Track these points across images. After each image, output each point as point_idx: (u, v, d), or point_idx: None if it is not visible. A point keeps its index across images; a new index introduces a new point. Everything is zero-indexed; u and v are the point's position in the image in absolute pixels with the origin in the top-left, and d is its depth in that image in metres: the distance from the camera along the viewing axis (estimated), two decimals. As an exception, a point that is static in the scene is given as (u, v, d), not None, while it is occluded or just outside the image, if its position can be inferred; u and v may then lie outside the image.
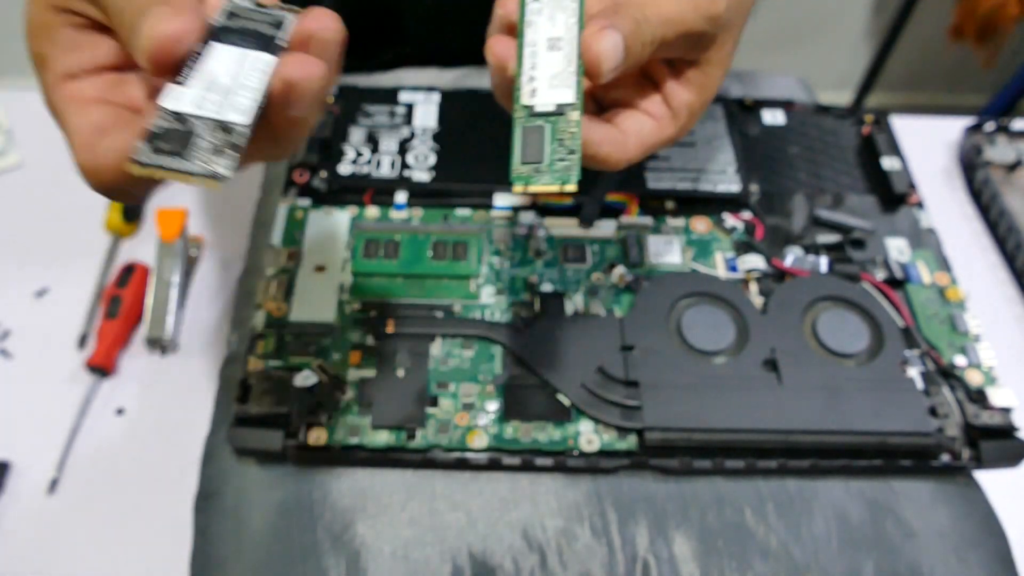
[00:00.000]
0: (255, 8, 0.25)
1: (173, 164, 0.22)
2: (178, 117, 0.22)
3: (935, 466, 0.37)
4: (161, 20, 0.22)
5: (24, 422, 0.43)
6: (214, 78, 0.23)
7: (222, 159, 0.22)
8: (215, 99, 0.23)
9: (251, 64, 0.24)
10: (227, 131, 0.22)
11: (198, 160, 0.22)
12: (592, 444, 0.36)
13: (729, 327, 0.39)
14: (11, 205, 0.53)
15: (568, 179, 0.26)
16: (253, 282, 0.45)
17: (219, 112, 0.23)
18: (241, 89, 0.23)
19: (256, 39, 0.24)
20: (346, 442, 0.36)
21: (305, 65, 0.23)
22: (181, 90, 0.23)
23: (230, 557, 0.36)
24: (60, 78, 0.25)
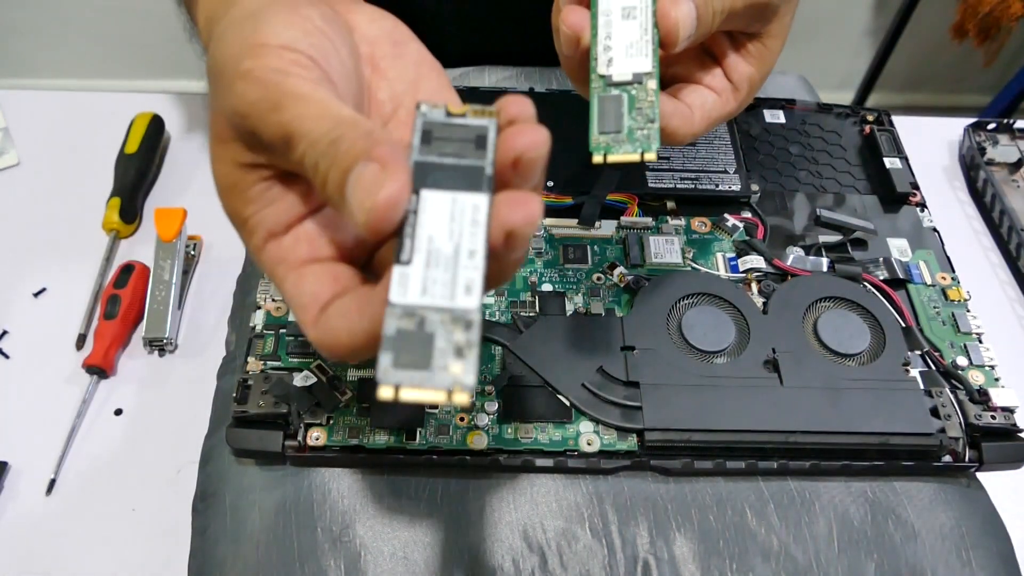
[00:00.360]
0: (450, 122, 0.23)
1: (421, 381, 0.20)
2: (409, 312, 0.21)
3: (937, 466, 0.37)
4: (374, 186, 0.20)
5: (22, 422, 0.43)
6: (433, 246, 0.21)
7: (463, 363, 0.21)
8: (440, 277, 0.21)
9: (465, 213, 0.22)
10: (459, 322, 0.21)
11: (441, 371, 0.21)
12: (592, 445, 0.36)
13: (730, 327, 0.39)
14: (9, 205, 0.53)
15: (648, 147, 0.26)
16: (253, 282, 0.44)
17: (449, 296, 0.21)
18: (463, 256, 0.21)
19: (462, 174, 0.22)
20: (346, 442, 0.36)
21: (522, 206, 0.21)
22: (404, 272, 0.21)
23: (229, 557, 0.36)
24: (264, 239, 0.25)
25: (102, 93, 0.60)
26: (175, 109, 0.58)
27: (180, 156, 0.57)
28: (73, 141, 0.56)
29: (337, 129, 0.21)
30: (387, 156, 0.20)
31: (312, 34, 0.24)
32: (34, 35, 1.34)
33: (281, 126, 0.22)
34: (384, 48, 0.28)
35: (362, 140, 0.21)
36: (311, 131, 0.21)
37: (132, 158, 0.53)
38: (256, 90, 0.22)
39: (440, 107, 0.23)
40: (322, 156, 0.21)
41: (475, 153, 0.22)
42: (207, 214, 0.52)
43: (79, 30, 1.33)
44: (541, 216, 0.21)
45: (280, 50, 0.23)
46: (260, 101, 0.22)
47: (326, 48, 0.24)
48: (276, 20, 0.24)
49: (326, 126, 0.21)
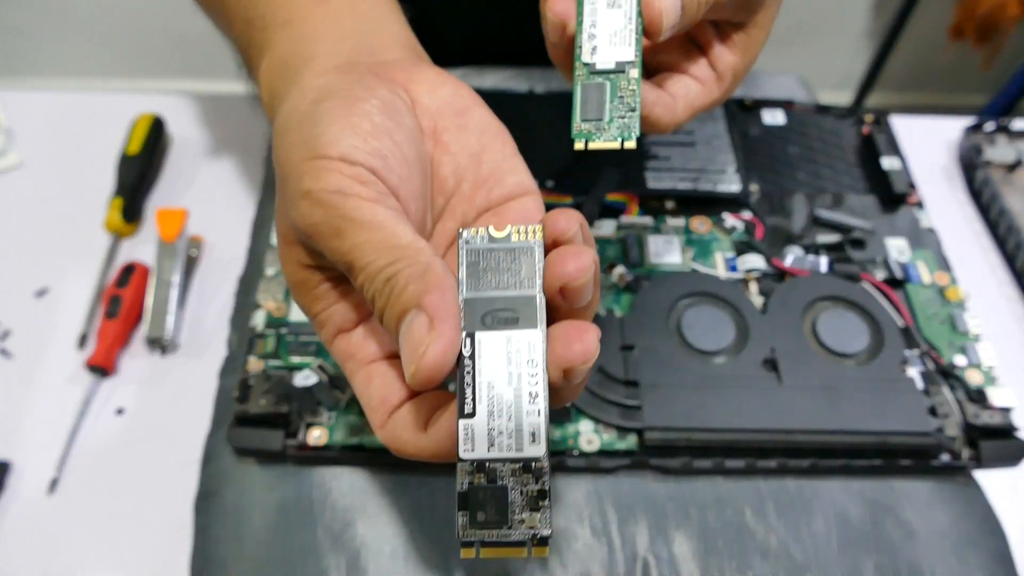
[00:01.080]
0: (494, 248, 0.23)
1: (500, 538, 0.21)
2: (480, 467, 0.21)
3: (935, 466, 0.37)
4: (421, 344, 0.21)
5: (24, 422, 0.43)
6: (494, 392, 0.21)
7: (539, 513, 0.21)
8: (505, 425, 0.21)
9: (521, 353, 0.22)
10: (531, 472, 0.21)
11: (519, 525, 0.21)
12: (592, 444, 0.36)
13: (729, 327, 0.39)
14: (11, 205, 0.53)
15: (629, 135, 0.26)
16: (253, 282, 0.45)
17: (516, 445, 0.21)
18: (524, 400, 0.21)
19: (514, 307, 0.22)
20: (346, 442, 0.36)
21: (577, 340, 0.21)
22: (469, 426, 0.21)
23: (230, 557, 0.36)
24: (333, 334, 0.25)
25: (104, 94, 0.60)
26: (177, 109, 0.58)
27: (181, 157, 0.57)
28: (75, 142, 0.57)
29: (394, 265, 0.22)
30: (437, 308, 0.21)
31: (371, 137, 0.24)
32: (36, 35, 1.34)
33: (343, 254, 0.22)
34: (447, 120, 0.27)
35: (416, 282, 0.21)
36: (369, 265, 0.22)
37: (134, 159, 0.53)
38: (318, 213, 0.23)
39: (483, 232, 0.23)
40: (378, 293, 0.22)
41: (525, 280, 0.22)
42: (208, 215, 0.52)
43: (81, 30, 1.33)
44: (597, 347, 0.21)
45: (340, 164, 0.23)
46: (322, 224, 0.23)
47: (387, 150, 0.24)
48: (335, 124, 0.24)
49: (384, 260, 0.22)
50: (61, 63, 1.39)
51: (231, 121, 0.59)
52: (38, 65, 1.39)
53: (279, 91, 0.28)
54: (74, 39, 1.35)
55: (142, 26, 1.31)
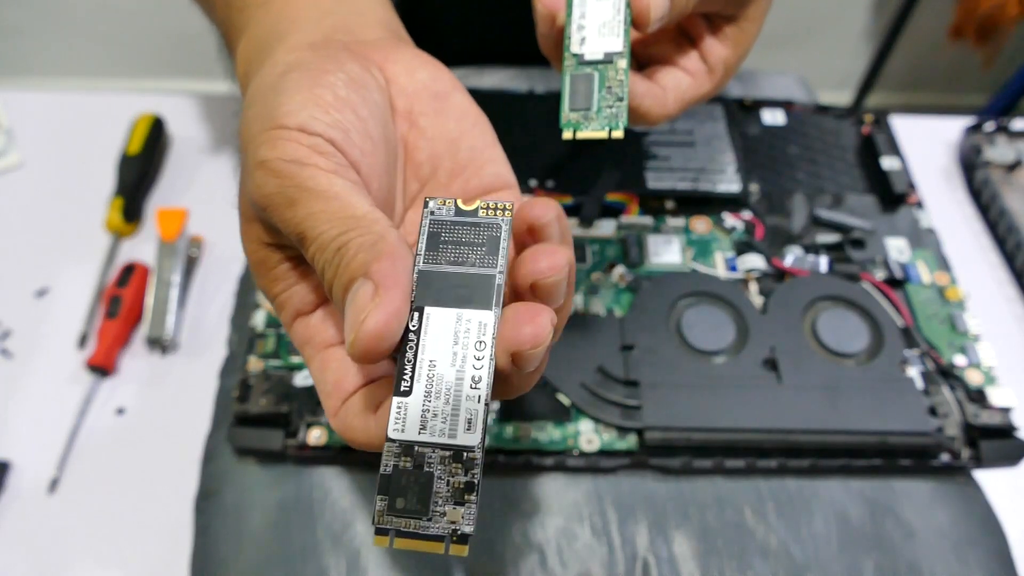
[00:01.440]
0: (460, 220, 0.22)
1: (417, 529, 0.20)
2: (408, 450, 0.20)
3: (935, 466, 0.37)
4: (362, 312, 0.19)
5: (24, 422, 0.44)
6: (435, 372, 0.20)
7: (463, 509, 0.20)
8: (441, 408, 0.20)
9: (470, 333, 0.20)
10: (461, 462, 0.20)
11: (439, 519, 0.20)
12: (592, 444, 0.36)
13: (729, 327, 0.39)
14: (11, 205, 0.53)
15: (616, 125, 0.27)
16: (253, 282, 0.45)
17: (450, 431, 0.20)
18: (466, 383, 0.20)
19: (470, 286, 0.21)
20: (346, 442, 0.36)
21: (529, 322, 0.20)
22: (403, 404, 0.20)
23: (230, 556, 0.36)
24: (292, 317, 0.24)
25: (104, 94, 0.60)
26: (177, 109, 0.58)
27: (182, 157, 0.57)
28: (75, 142, 0.57)
29: (347, 234, 0.20)
30: (384, 276, 0.20)
31: (333, 109, 0.23)
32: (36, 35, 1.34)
33: (295, 224, 0.21)
34: (424, 103, 0.26)
35: (366, 251, 0.20)
36: (321, 235, 0.21)
37: (134, 159, 0.53)
38: (272, 183, 0.22)
39: (450, 203, 0.22)
40: (328, 264, 0.21)
41: (486, 259, 0.21)
42: (208, 215, 0.52)
43: (81, 30, 1.33)
44: (550, 331, 0.20)
45: (297, 134, 0.22)
46: (276, 195, 0.22)
47: (349, 123, 0.23)
48: (296, 95, 0.23)
49: (337, 230, 0.21)
50: (61, 63, 1.39)
51: (231, 121, 0.59)
52: (38, 65, 1.39)
53: (252, 70, 0.27)
54: (74, 39, 1.35)
55: (142, 26, 1.31)
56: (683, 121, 0.48)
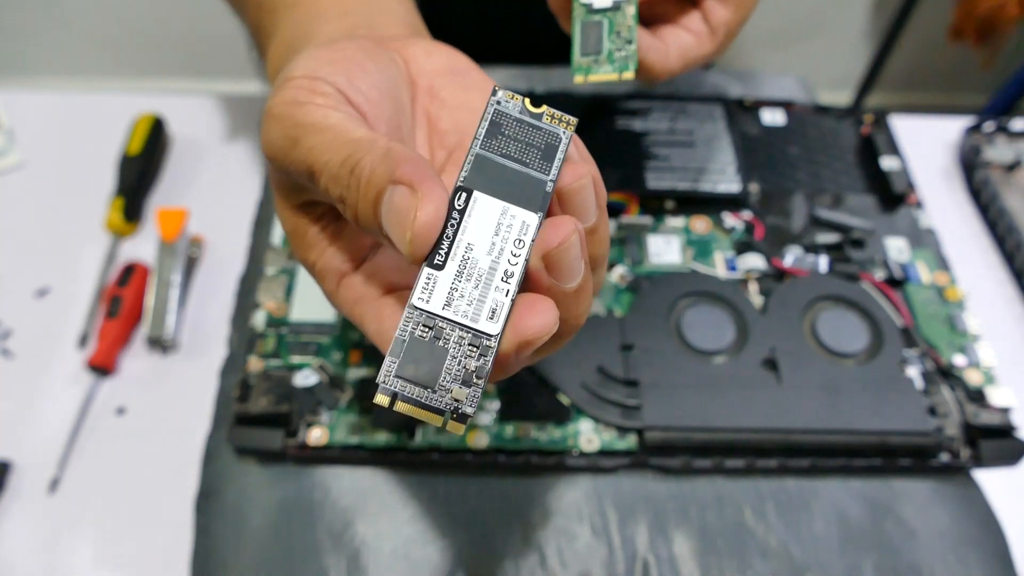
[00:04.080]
0: (525, 119, 0.21)
1: (421, 399, 0.20)
2: (429, 321, 0.20)
3: (934, 465, 0.37)
4: (409, 212, 0.19)
5: (25, 421, 0.44)
6: (471, 255, 0.20)
7: (468, 391, 0.20)
8: (469, 291, 0.20)
9: (512, 228, 0.20)
10: (476, 347, 0.20)
11: (447, 395, 0.20)
12: (592, 443, 0.36)
13: (729, 327, 0.39)
14: (12, 205, 0.53)
15: (627, 67, 0.28)
16: (253, 282, 0.45)
17: (472, 315, 0.20)
18: (498, 275, 0.20)
19: (521, 184, 0.21)
20: (346, 442, 0.36)
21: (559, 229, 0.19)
22: (432, 276, 0.20)
23: (230, 556, 0.36)
24: (335, 282, 0.24)
25: (104, 94, 0.60)
26: (177, 109, 0.58)
27: (182, 157, 0.57)
28: (75, 142, 0.57)
29: (354, 156, 0.20)
30: (414, 174, 0.19)
31: (338, 62, 0.23)
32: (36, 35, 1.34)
33: (301, 162, 0.21)
34: (444, 78, 0.27)
35: (382, 163, 0.20)
36: (328, 162, 0.20)
37: (134, 159, 0.53)
38: (276, 128, 0.22)
39: (518, 100, 0.21)
40: (345, 189, 0.20)
41: (540, 164, 0.21)
42: (209, 214, 0.52)
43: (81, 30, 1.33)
44: (577, 241, 0.20)
45: (300, 80, 0.22)
46: (279, 139, 0.22)
47: (353, 72, 0.23)
48: (306, 54, 0.23)
49: (342, 154, 0.20)
50: (61, 63, 1.39)
51: (231, 121, 0.59)
52: (38, 65, 1.39)
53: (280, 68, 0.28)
54: (74, 39, 1.35)
55: (142, 26, 1.32)
56: (683, 121, 0.48)
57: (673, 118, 0.48)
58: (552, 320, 0.20)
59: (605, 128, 0.47)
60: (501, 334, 0.20)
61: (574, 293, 0.21)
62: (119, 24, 1.32)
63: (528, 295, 0.20)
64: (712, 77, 0.56)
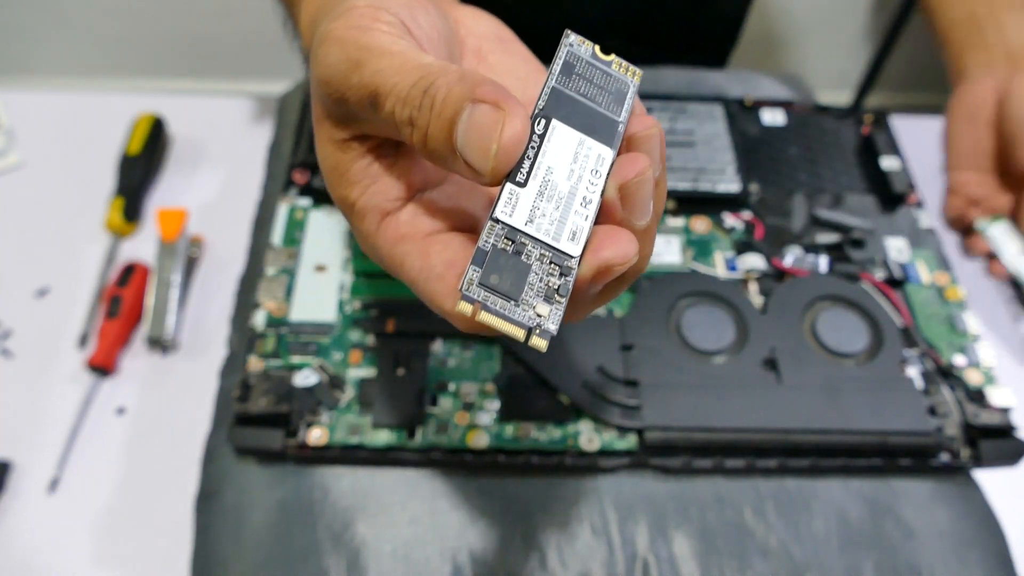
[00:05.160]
0: (594, 63, 0.22)
1: (505, 312, 0.19)
2: (511, 235, 0.19)
3: (934, 465, 0.37)
4: (494, 126, 0.19)
5: (25, 421, 0.44)
6: (551, 178, 0.20)
7: (551, 308, 0.19)
8: (550, 212, 0.20)
9: (589, 159, 0.20)
10: (558, 266, 0.20)
11: (530, 309, 0.19)
12: (592, 443, 0.36)
13: (729, 327, 0.39)
14: (12, 205, 0.53)
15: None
16: (253, 282, 0.45)
17: (554, 234, 0.20)
18: (577, 200, 0.20)
19: (596, 120, 0.21)
20: (346, 442, 0.36)
21: (635, 164, 0.19)
22: (515, 192, 0.20)
23: (230, 556, 0.36)
24: (377, 221, 0.22)
25: (104, 94, 0.60)
26: (177, 109, 0.59)
27: (182, 157, 0.57)
28: (75, 142, 0.57)
29: (427, 77, 0.19)
30: (495, 94, 0.19)
31: (401, 2, 0.23)
32: (36, 35, 1.34)
33: (364, 85, 0.20)
34: (491, 43, 0.27)
35: (459, 84, 0.19)
36: (397, 84, 0.20)
37: (134, 159, 0.53)
38: (336, 51, 0.21)
39: (588, 45, 0.22)
40: (416, 109, 0.19)
41: (611, 106, 0.21)
42: (209, 214, 0.52)
43: (81, 30, 1.33)
44: (652, 177, 0.20)
45: (363, 8, 0.22)
46: (340, 62, 0.21)
47: (416, 11, 0.23)
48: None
49: (413, 77, 0.20)
50: (61, 63, 1.39)
51: (231, 121, 0.59)
52: (38, 65, 1.39)
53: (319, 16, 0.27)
54: (74, 39, 1.35)
55: (142, 26, 1.31)
56: (683, 121, 0.48)
57: (673, 118, 0.48)
58: (632, 249, 0.19)
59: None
60: (581, 257, 0.20)
61: (643, 232, 0.20)
62: (119, 24, 1.32)
63: (606, 226, 0.20)
64: (712, 77, 0.56)
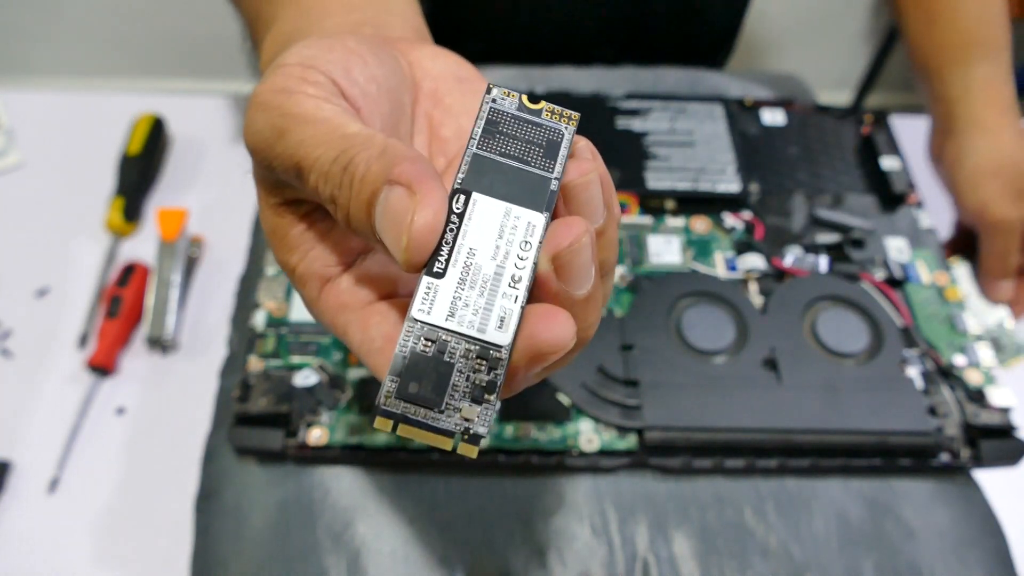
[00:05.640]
0: (524, 116, 0.20)
1: (428, 421, 0.18)
2: (431, 334, 0.18)
3: (934, 465, 0.37)
4: (405, 215, 0.17)
5: (25, 421, 0.44)
6: (473, 261, 0.18)
7: (480, 410, 0.18)
8: (474, 300, 0.18)
9: (517, 231, 0.19)
10: (485, 360, 0.18)
11: (455, 415, 0.18)
12: (592, 443, 0.36)
13: (729, 327, 0.39)
14: (12, 205, 0.53)
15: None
16: (253, 282, 0.45)
17: (479, 325, 0.18)
18: (505, 280, 0.18)
19: (523, 183, 0.19)
20: (346, 442, 0.36)
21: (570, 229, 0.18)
22: (433, 286, 0.18)
23: (230, 556, 0.36)
24: (319, 287, 0.22)
25: (104, 94, 0.60)
26: (177, 109, 0.59)
27: (182, 157, 0.57)
28: (75, 142, 0.57)
29: (348, 152, 0.19)
30: (412, 174, 0.18)
31: (336, 51, 0.21)
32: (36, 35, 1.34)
33: (288, 156, 0.19)
34: (449, 84, 0.26)
35: (378, 161, 0.18)
36: (319, 158, 0.19)
37: (134, 159, 0.53)
38: (261, 118, 0.20)
39: (514, 96, 0.20)
40: (336, 188, 0.19)
41: (542, 161, 0.20)
42: (209, 214, 0.52)
43: (81, 30, 1.33)
44: (589, 241, 0.18)
45: (292, 67, 0.21)
46: (265, 129, 0.20)
47: (351, 64, 0.22)
48: (303, 43, 0.22)
49: (335, 150, 0.19)
50: (61, 63, 1.39)
51: (231, 121, 0.59)
52: (38, 65, 1.39)
53: None
54: (74, 39, 1.35)
55: (142, 26, 1.31)
56: (683, 121, 0.48)
57: (673, 118, 0.48)
58: (570, 332, 0.18)
59: (605, 128, 0.47)
60: (512, 345, 0.18)
61: (584, 301, 0.19)
62: (119, 24, 1.32)
63: (541, 305, 0.19)
64: (712, 77, 0.56)
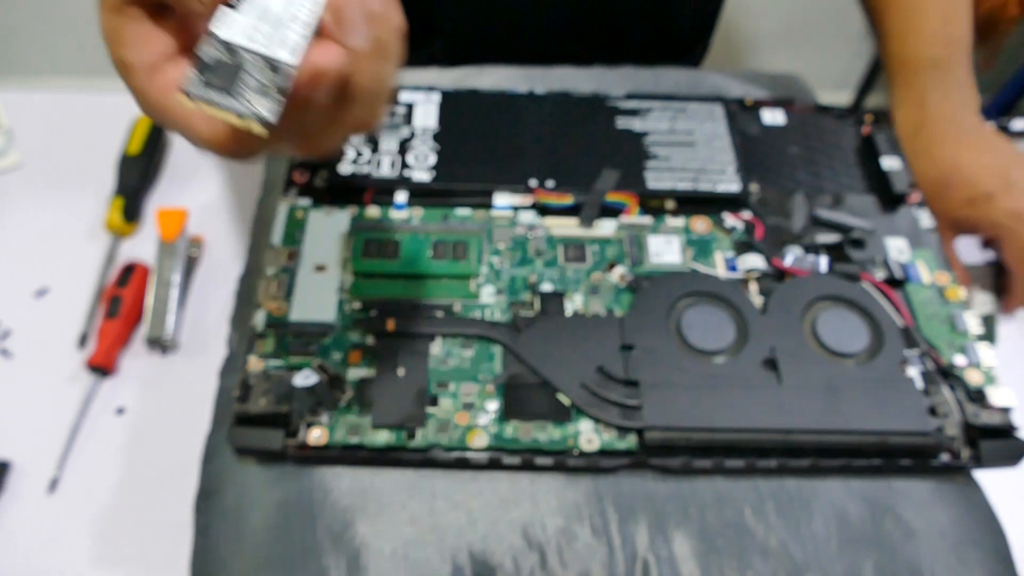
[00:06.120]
0: None
1: (221, 100, 0.22)
2: (228, 47, 0.22)
3: (935, 465, 0.37)
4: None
5: (25, 422, 0.44)
6: (267, 5, 0.22)
7: (266, 101, 0.22)
8: (265, 31, 0.22)
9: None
10: (275, 70, 0.22)
11: (244, 100, 0.22)
12: (592, 443, 0.36)
13: (729, 327, 0.39)
14: (12, 205, 0.53)
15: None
16: (253, 282, 0.45)
17: (268, 47, 0.22)
18: (292, 21, 0.22)
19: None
20: (346, 442, 0.36)
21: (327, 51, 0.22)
22: (233, 16, 0.22)
23: (230, 556, 0.36)
24: (148, 76, 0.25)
25: (104, 94, 0.60)
26: (176, 109, 0.58)
27: (181, 157, 0.57)
28: (75, 142, 0.57)
29: None
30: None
31: None
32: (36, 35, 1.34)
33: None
34: None
35: None
36: None
37: (134, 159, 0.53)
38: None
39: None
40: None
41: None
42: (209, 215, 0.52)
43: (81, 30, 1.33)
44: None
45: None
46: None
47: None
48: None
49: None
50: (61, 63, 1.39)
51: (231, 121, 0.59)
52: (38, 65, 1.39)
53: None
54: (74, 39, 1.35)
55: (142, 26, 1.32)
56: (683, 121, 0.48)
57: (673, 118, 0.48)
58: (338, 59, 0.22)
59: (605, 128, 0.47)
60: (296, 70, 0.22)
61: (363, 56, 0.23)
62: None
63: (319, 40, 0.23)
64: (712, 77, 0.56)
